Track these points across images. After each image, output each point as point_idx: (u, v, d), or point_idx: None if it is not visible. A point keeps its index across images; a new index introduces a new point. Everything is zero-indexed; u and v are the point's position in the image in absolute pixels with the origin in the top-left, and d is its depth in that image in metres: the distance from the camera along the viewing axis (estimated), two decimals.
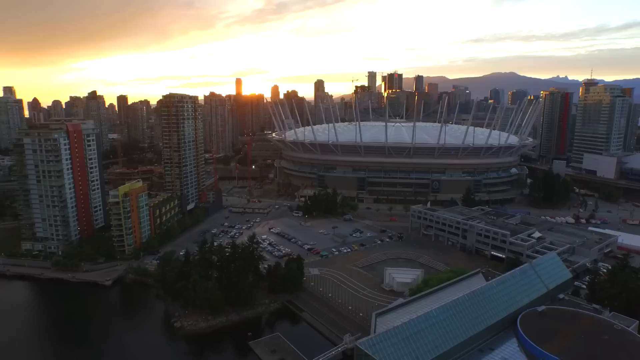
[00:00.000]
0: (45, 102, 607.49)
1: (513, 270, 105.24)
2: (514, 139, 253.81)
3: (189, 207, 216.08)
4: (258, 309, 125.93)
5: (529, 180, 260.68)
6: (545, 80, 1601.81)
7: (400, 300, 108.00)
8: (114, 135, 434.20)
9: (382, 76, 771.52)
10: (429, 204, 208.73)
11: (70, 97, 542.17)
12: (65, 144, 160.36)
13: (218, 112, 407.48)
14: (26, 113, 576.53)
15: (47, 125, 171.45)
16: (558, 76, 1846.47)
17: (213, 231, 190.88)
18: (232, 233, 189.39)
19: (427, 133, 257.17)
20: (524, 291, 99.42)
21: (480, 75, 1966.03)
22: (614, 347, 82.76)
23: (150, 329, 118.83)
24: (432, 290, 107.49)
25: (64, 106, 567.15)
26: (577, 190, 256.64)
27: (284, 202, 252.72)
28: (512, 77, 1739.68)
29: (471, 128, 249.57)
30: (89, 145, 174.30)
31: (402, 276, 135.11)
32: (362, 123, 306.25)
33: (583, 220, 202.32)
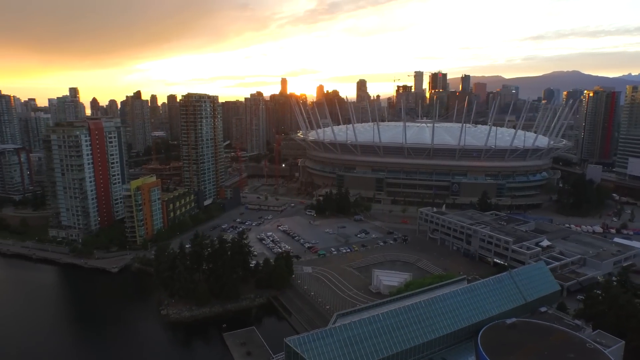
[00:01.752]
0: (104, 102, 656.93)
1: (488, 278, 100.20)
2: (542, 141, 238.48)
3: (206, 202, 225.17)
4: (242, 302, 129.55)
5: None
6: (613, 78, 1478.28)
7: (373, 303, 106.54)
8: (158, 133, 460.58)
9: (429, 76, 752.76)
10: (444, 207, 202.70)
11: (127, 97, 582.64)
12: (86, 141, 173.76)
13: (252, 111, 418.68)
14: (88, 111, 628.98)
15: (72, 123, 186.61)
16: (630, 74, 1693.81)
17: (223, 226, 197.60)
18: (240, 229, 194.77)
19: (450, 134, 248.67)
20: (495, 301, 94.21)
21: (540, 74, 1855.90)
22: None
23: (138, 314, 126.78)
24: (407, 294, 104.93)
25: (119, 105, 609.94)
26: (617, 197, 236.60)
27: (302, 200, 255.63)
28: (575, 76, 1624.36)
29: (495, 129, 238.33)
30: (111, 142, 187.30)
31: (389, 279, 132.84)
32: (386, 123, 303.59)
33: (612, 230, 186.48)
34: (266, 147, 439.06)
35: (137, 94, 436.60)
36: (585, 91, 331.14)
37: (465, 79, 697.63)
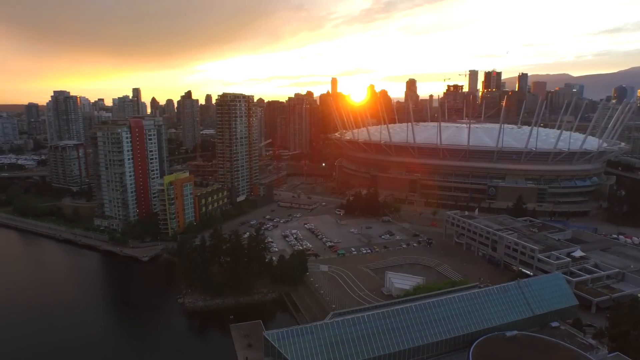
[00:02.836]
0: (163, 101, 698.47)
1: (493, 286, 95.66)
2: (592, 143, 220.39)
3: (239, 198, 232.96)
4: (255, 296, 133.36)
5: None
6: None
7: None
8: (207, 131, 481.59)
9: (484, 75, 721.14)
10: (476, 211, 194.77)
11: (181, 97, 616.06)
12: (127, 138, 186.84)
13: (296, 111, 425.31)
14: (149, 110, 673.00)
15: (116, 121, 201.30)
16: None
17: (252, 222, 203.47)
18: (267, 225, 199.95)
19: (489, 135, 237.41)
20: (498, 311, 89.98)
21: (614, 71, 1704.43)
22: None
23: (158, 300, 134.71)
24: (409, 297, 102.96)
25: (175, 105, 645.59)
26: None
27: (335, 199, 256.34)
28: None
29: (537, 129, 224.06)
30: (150, 139, 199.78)
31: (401, 282, 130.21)
32: (424, 124, 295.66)
33: None
34: (309, 146, 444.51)
35: (188, 94, 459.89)
36: None
37: (522, 77, 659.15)
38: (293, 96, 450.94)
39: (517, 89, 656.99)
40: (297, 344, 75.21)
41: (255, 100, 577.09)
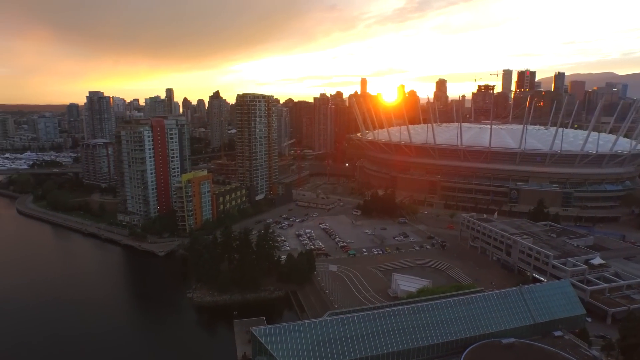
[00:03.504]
0: (194, 100, 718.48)
1: (492, 292, 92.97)
2: (625, 146, 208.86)
3: (258, 197, 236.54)
4: (261, 293, 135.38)
5: None
6: None
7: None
8: (234, 130, 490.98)
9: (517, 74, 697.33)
10: (495, 214, 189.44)
11: (209, 97, 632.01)
12: (148, 137, 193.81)
13: (321, 111, 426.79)
14: (182, 109, 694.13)
15: (138, 120, 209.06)
16: None
17: (268, 221, 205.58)
18: (283, 224, 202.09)
19: (513, 136, 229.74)
20: (496, 317, 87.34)
21: None
22: None
23: (169, 294, 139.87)
24: (408, 300, 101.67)
25: (206, 105, 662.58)
26: None
27: (353, 200, 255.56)
28: None
29: (567, 131, 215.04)
30: (172, 138, 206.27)
31: (408, 284, 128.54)
32: (446, 125, 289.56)
33: None
34: (334, 146, 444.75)
35: (216, 94, 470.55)
36: None
37: (559, 77, 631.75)
38: (320, 96, 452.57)
39: (552, 89, 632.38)
40: (285, 341, 75.94)
41: (283, 101, 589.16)
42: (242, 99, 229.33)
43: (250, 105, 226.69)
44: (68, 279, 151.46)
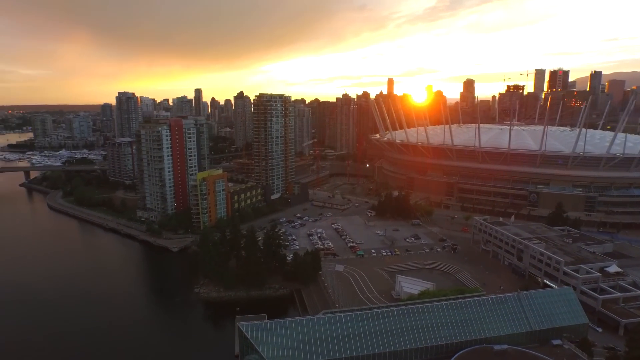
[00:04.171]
0: (222, 100, 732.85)
1: (488, 297, 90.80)
2: None
3: (274, 196, 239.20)
4: (266, 291, 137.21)
5: None
6: None
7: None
8: None
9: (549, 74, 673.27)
10: (512, 218, 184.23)
11: (234, 97, 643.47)
12: (166, 136, 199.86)
13: (343, 111, 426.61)
14: (210, 109, 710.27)
15: (157, 120, 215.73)
16: None
17: (281, 220, 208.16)
18: (295, 223, 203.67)
19: (534, 138, 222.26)
20: (490, 323, 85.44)
21: None
22: None
23: (178, 289, 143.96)
24: (409, 302, 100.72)
25: (233, 105, 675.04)
26: None
27: (370, 200, 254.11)
28: None
29: (594, 132, 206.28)
30: (189, 137, 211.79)
31: (411, 286, 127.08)
32: (467, 125, 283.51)
33: None
34: (356, 146, 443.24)
35: (240, 94, 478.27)
36: None
37: (595, 76, 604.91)
38: (354, 96, 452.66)
39: (588, 89, 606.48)
40: (270, 337, 77.05)
41: (309, 101, 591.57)
42: (259, 99, 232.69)
43: (267, 105, 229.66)
44: (85, 272, 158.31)
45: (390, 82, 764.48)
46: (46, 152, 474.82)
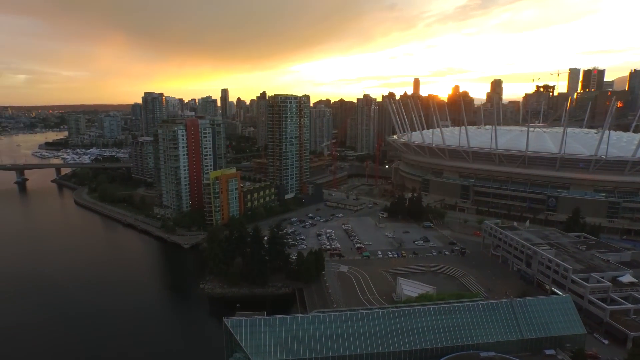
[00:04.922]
0: (247, 100, 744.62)
1: (480, 302, 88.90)
2: None
3: (288, 196, 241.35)
4: (269, 289, 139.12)
5: None
6: None
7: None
8: None
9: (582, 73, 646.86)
10: (527, 222, 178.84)
11: (256, 97, 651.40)
12: (182, 135, 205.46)
13: (364, 112, 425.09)
14: (235, 109, 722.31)
15: (174, 120, 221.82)
16: None
17: (292, 219, 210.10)
18: (306, 223, 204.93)
19: (554, 140, 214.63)
20: (479, 329, 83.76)
21: None
22: None
23: (185, 284, 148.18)
24: (403, 305, 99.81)
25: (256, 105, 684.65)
26: None
27: (384, 202, 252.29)
28: None
29: (621, 134, 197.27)
30: (205, 137, 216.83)
31: (411, 289, 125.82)
32: (486, 127, 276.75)
33: None
34: (376, 147, 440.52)
35: (262, 95, 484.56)
36: None
37: (635, 75, 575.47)
38: (364, 97, 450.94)
39: (627, 88, 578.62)
40: (256, 333, 78.42)
41: (333, 101, 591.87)
42: (273, 99, 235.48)
43: (281, 105, 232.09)
44: (98, 264, 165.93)
45: (416, 83, 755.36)
46: (78, 150, 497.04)
